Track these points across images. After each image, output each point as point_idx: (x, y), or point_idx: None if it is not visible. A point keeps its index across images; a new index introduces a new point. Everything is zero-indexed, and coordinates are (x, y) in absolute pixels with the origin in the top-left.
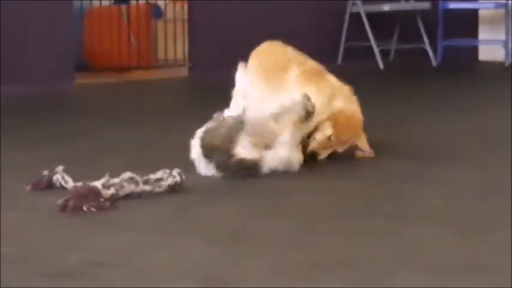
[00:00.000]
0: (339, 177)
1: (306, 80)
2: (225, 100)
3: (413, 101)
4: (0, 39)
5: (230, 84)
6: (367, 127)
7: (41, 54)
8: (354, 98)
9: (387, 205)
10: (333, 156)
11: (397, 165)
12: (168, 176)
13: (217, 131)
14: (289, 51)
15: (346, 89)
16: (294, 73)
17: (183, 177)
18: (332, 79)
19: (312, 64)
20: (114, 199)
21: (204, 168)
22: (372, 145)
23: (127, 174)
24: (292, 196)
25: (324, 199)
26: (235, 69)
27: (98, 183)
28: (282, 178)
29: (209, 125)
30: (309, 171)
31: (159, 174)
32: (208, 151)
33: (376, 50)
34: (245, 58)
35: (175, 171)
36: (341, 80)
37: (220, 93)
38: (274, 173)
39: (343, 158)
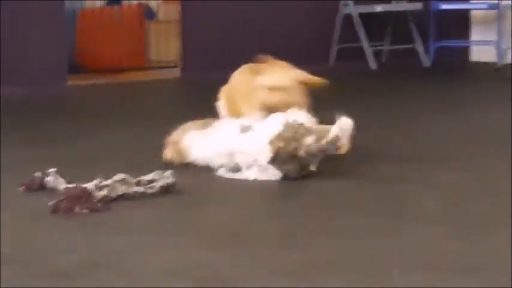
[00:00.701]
0: (336, 178)
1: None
2: (216, 101)
3: (406, 102)
4: None
5: (223, 85)
6: (361, 128)
7: (33, 55)
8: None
9: (385, 206)
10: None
11: (392, 166)
12: (161, 178)
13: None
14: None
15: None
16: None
17: (176, 179)
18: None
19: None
20: (107, 200)
21: (261, 172)
22: (365, 146)
23: (119, 176)
24: (286, 198)
25: (322, 200)
26: (227, 70)
27: (90, 185)
28: (276, 180)
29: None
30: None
31: (151, 175)
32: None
33: (368, 51)
34: (237, 59)
35: (167, 173)
36: (333, 81)
37: (213, 93)
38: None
39: (340, 159)
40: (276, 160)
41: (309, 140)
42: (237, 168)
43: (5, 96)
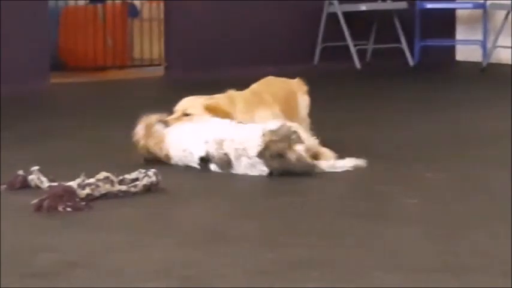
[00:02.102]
0: (315, 178)
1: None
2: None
3: (390, 101)
4: None
5: (206, 84)
6: (343, 127)
7: (15, 53)
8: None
9: (364, 205)
10: None
11: (373, 165)
12: (144, 176)
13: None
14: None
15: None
16: None
17: (159, 178)
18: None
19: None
20: (90, 199)
21: (249, 168)
22: (348, 146)
23: (102, 174)
24: (268, 197)
25: (301, 200)
26: (211, 69)
27: (73, 183)
28: (258, 179)
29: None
30: (283, 172)
31: (134, 174)
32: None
33: (353, 50)
34: (220, 58)
35: (151, 172)
36: (317, 81)
37: (196, 93)
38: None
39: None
40: (265, 153)
41: (299, 148)
42: (226, 162)
43: None
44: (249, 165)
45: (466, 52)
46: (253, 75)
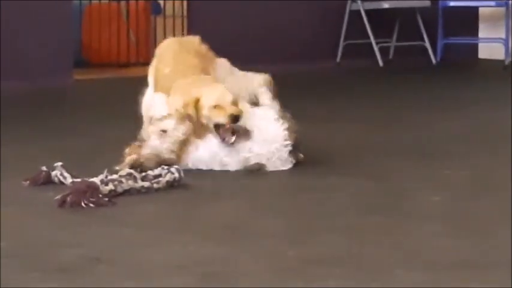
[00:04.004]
0: (337, 175)
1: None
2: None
3: (412, 99)
4: (0, 35)
5: None
6: (365, 124)
7: (39, 50)
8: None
9: (386, 202)
10: None
11: (395, 163)
12: (167, 173)
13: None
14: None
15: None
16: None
17: (182, 174)
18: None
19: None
20: (113, 195)
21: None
22: (368, 142)
23: (125, 170)
24: (291, 194)
25: (322, 197)
26: (234, 65)
27: (96, 179)
28: (281, 176)
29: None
30: (305, 169)
31: (157, 170)
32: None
33: (375, 48)
34: (243, 55)
35: (173, 168)
36: (340, 78)
37: None
38: (274, 172)
39: (342, 156)
40: (295, 148)
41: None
42: (259, 166)
43: (10, 91)
44: (281, 159)
45: (489, 50)
46: (275, 73)
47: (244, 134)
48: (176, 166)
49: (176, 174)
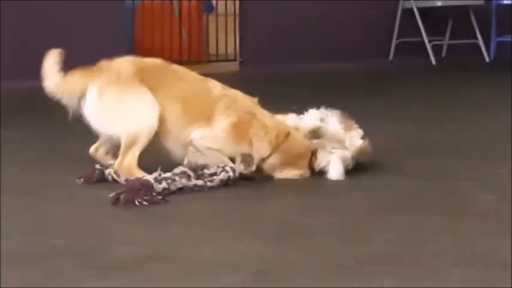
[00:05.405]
0: (391, 174)
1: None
2: (275, 95)
3: (465, 98)
4: (55, 36)
5: (280, 79)
6: (417, 122)
7: (93, 49)
8: None
9: (440, 201)
10: None
11: (449, 161)
12: (221, 171)
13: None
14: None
15: None
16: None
17: (236, 174)
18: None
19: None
20: (166, 193)
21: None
22: (420, 141)
23: (179, 169)
24: (344, 193)
25: (375, 195)
26: (286, 64)
27: (150, 177)
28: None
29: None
30: (357, 167)
31: (213, 169)
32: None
33: (428, 46)
34: (295, 53)
35: (228, 167)
36: (393, 76)
37: (271, 88)
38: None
39: (395, 154)
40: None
41: None
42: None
43: None
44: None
45: None
46: (328, 70)
47: None
48: (231, 165)
49: (231, 173)
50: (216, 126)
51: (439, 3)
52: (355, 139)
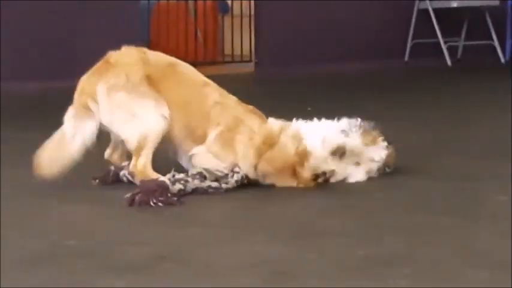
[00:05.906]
0: (406, 174)
1: None
2: (291, 96)
3: (482, 99)
4: (76, 36)
5: (296, 80)
6: (435, 124)
7: (107, 47)
8: None
9: (452, 202)
10: None
11: (464, 162)
12: (237, 172)
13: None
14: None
15: None
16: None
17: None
18: None
19: None
20: (181, 194)
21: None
22: (436, 142)
23: (195, 170)
24: (359, 194)
25: (391, 196)
26: (302, 65)
27: (165, 179)
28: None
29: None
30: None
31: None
32: None
33: (443, 47)
34: (310, 54)
35: (237, 168)
36: (408, 77)
37: (287, 89)
38: None
39: (411, 155)
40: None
41: None
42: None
43: None
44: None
45: None
46: (343, 71)
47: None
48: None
49: (241, 173)
50: (208, 139)
51: (455, 4)
52: (380, 152)
